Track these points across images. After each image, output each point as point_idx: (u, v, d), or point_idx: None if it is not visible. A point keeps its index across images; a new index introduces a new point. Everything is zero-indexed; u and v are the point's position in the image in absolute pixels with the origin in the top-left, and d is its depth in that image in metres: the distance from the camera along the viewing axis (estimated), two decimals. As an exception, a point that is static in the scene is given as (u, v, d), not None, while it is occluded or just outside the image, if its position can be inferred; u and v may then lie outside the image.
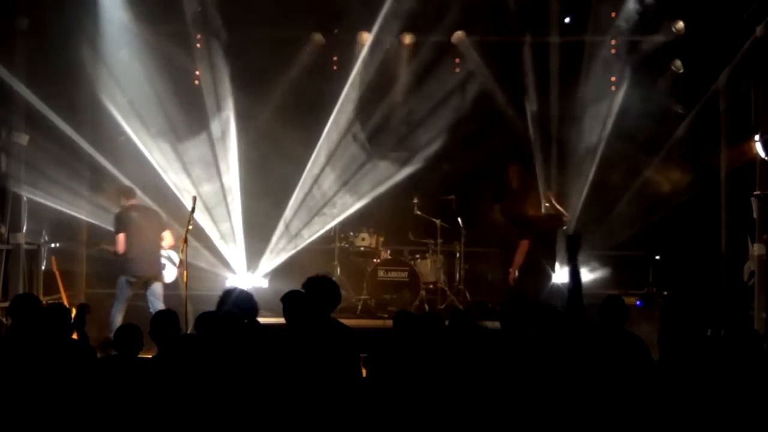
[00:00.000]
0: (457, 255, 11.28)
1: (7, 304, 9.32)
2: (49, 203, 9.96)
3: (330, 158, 11.56)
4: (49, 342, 5.35)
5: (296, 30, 11.22)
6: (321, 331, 5.50)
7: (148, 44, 10.55)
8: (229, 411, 5.10)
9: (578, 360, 5.17)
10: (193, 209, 8.64)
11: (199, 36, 11.02)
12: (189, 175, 10.92)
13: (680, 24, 10.58)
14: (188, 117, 11.05)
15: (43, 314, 5.51)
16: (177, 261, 9.23)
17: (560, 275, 10.51)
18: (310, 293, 5.59)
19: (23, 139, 9.75)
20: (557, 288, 8.99)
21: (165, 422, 5.02)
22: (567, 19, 11.08)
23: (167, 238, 9.33)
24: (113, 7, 10.36)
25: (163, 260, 9.29)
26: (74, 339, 5.91)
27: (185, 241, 8.57)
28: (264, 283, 10.95)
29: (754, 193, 9.66)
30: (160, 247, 9.24)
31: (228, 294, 6.19)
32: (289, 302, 5.64)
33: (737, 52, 10.20)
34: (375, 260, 11.00)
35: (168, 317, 5.75)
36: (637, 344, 5.60)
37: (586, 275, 10.47)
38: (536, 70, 11.03)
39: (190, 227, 8.72)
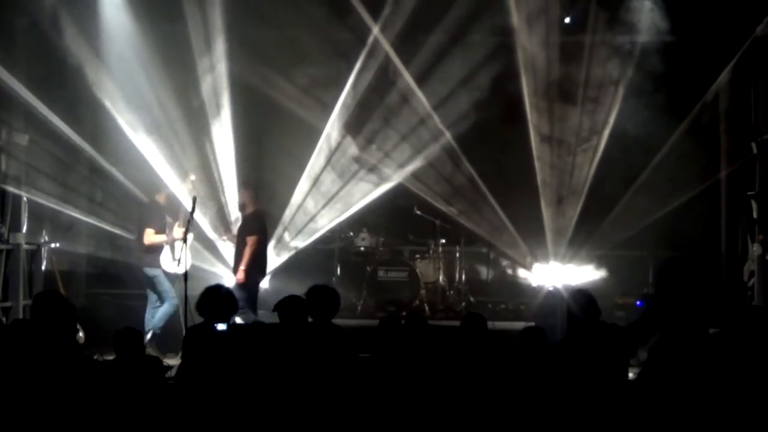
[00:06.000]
0: (457, 255, 11.28)
1: (7, 303, 9.40)
2: (49, 203, 9.96)
3: (330, 158, 11.56)
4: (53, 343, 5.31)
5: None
6: (321, 334, 5.55)
7: (148, 43, 10.53)
8: (228, 409, 5.12)
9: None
10: (193, 209, 8.62)
11: (201, 36, 11.00)
12: (189, 175, 10.89)
13: None
14: (188, 115, 11.03)
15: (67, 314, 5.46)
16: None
17: (560, 276, 10.55)
18: (312, 300, 5.65)
19: (23, 139, 9.75)
20: (558, 291, 8.95)
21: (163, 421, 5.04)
22: (567, 19, 11.07)
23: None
24: (113, 6, 10.36)
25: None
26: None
27: (185, 241, 8.57)
28: (265, 283, 10.93)
29: (749, 193, 9.67)
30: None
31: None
32: (286, 308, 5.73)
33: (737, 52, 10.20)
34: (375, 260, 11.01)
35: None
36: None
37: (587, 276, 10.49)
38: (535, 70, 11.02)
39: (189, 227, 8.72)
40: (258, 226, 9.10)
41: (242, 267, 8.89)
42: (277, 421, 5.15)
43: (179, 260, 8.69)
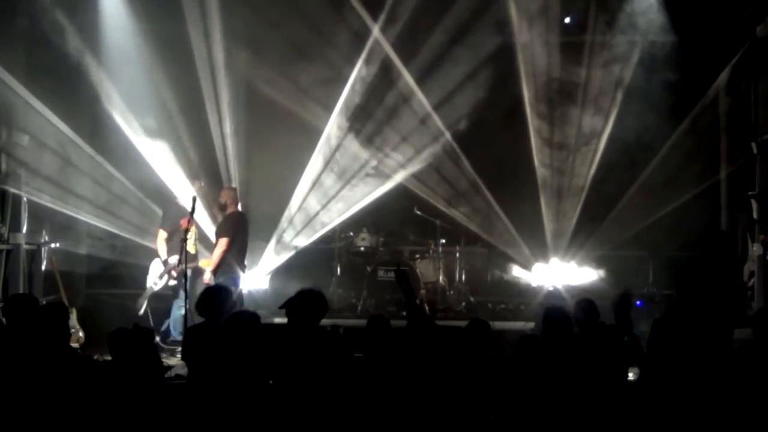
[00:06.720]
0: (457, 255, 11.28)
1: (6, 304, 9.39)
2: (49, 203, 9.96)
3: (330, 158, 11.56)
4: (46, 344, 5.31)
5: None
6: (309, 337, 5.57)
7: (149, 42, 10.53)
8: (227, 409, 5.12)
9: None
10: (193, 209, 8.62)
11: (201, 35, 10.99)
12: (189, 175, 10.90)
13: None
14: (188, 115, 11.03)
15: (40, 315, 5.47)
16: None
17: (559, 276, 10.55)
18: (301, 303, 5.66)
19: (23, 139, 9.75)
20: (558, 291, 8.96)
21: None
22: (567, 19, 11.07)
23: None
24: (113, 6, 10.37)
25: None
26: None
27: (185, 240, 8.56)
28: (265, 283, 10.95)
29: (749, 193, 9.66)
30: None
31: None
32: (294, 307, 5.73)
33: (737, 52, 10.20)
34: (375, 260, 11.01)
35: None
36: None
37: (587, 276, 10.49)
38: (535, 71, 11.02)
39: (190, 226, 8.73)
40: (233, 228, 9.13)
41: (209, 269, 8.95)
42: (271, 421, 5.17)
43: (160, 278, 8.96)
